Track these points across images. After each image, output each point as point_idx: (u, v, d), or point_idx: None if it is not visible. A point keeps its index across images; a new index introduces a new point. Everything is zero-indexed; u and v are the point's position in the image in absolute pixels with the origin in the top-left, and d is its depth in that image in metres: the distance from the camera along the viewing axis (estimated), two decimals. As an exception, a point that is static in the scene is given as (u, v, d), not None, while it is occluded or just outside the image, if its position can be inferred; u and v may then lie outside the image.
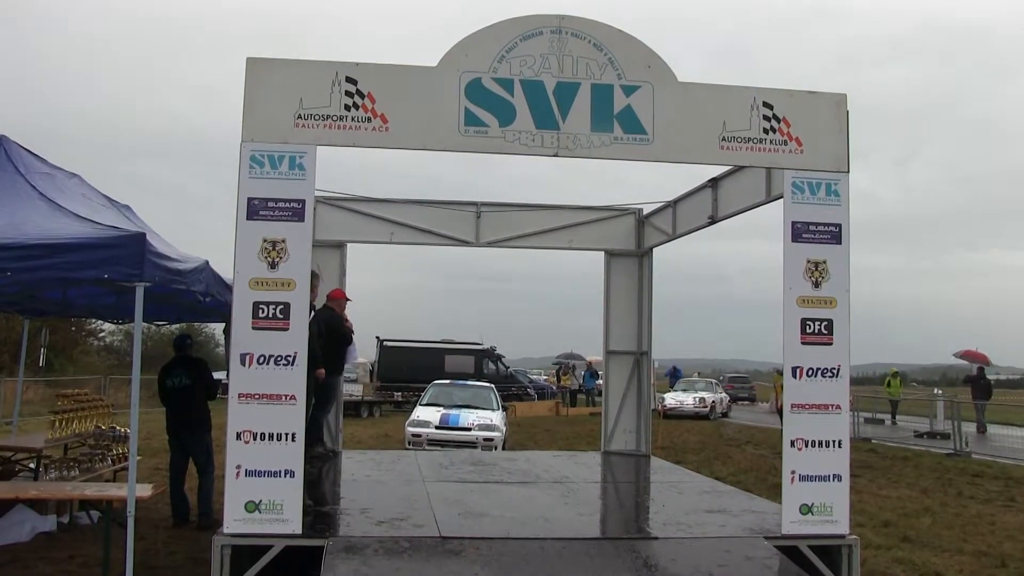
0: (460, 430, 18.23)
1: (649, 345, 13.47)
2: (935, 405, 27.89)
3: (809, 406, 7.37)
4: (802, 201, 7.43)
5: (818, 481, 7.33)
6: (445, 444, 17.48)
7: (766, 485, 14.28)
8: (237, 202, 6.83)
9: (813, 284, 7.40)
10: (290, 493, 6.78)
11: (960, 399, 26.64)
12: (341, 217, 12.86)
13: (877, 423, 29.48)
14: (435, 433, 18.15)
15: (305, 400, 6.97)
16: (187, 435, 10.82)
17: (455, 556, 6.71)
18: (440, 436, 18.03)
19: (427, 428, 18.32)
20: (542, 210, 13.42)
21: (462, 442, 17.64)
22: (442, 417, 18.75)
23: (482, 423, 18.51)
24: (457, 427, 18.33)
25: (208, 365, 11.36)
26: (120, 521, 7.28)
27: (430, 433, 18.12)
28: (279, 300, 6.80)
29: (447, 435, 18.04)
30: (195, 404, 10.79)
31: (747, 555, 7.00)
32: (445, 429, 18.27)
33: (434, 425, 18.40)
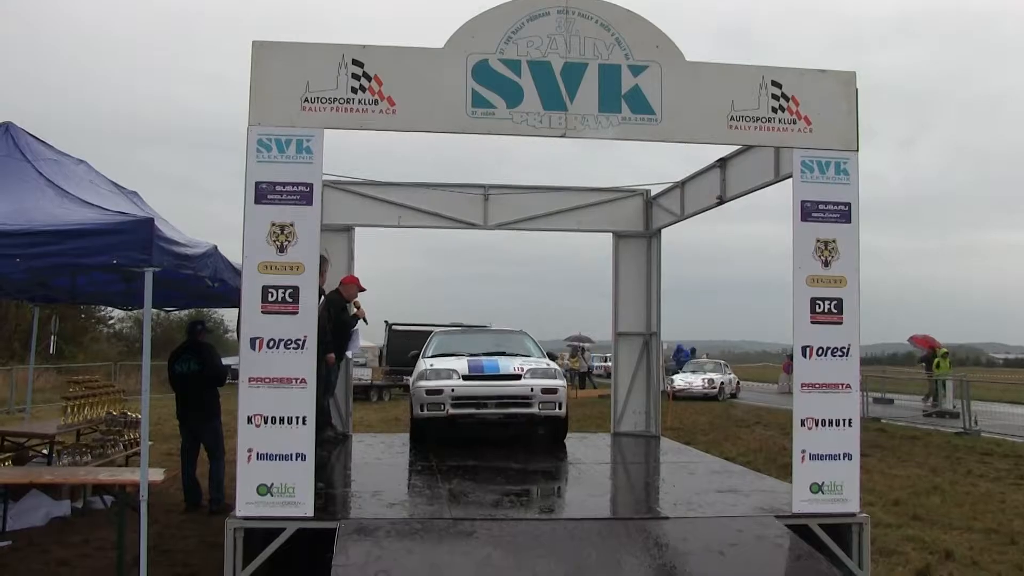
0: (503, 379, 11.52)
1: (658, 326, 13.46)
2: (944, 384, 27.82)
3: (819, 385, 7.36)
4: (811, 180, 7.39)
5: (828, 460, 7.33)
6: (481, 403, 11.30)
7: (776, 465, 14.28)
8: (245, 186, 6.82)
9: (823, 263, 7.37)
10: (302, 476, 6.80)
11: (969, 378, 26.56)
12: (349, 201, 12.86)
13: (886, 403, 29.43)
14: (464, 386, 11.36)
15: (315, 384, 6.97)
16: (195, 421, 10.86)
17: (467, 537, 6.73)
18: (472, 390, 11.33)
19: (450, 380, 11.43)
20: (550, 192, 13.41)
21: (508, 398, 11.36)
22: (472, 364, 11.80)
23: (536, 368, 11.73)
24: (498, 375, 11.58)
25: (216, 351, 11.36)
26: (133, 505, 7.31)
27: (457, 387, 11.33)
28: (288, 284, 6.80)
29: (483, 388, 11.38)
30: (203, 390, 10.80)
31: (758, 534, 7.00)
32: (479, 379, 11.49)
33: (460, 375, 11.49)
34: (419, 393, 11.47)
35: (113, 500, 9.64)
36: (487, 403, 11.27)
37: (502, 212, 13.14)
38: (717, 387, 37.00)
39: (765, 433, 21.55)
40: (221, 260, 8.60)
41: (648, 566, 6.42)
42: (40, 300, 12.43)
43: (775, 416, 26.18)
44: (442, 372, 11.56)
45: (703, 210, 11.60)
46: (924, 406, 27.81)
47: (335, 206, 12.63)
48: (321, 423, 10.93)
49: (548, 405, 11.42)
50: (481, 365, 11.73)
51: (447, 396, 11.22)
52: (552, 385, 11.53)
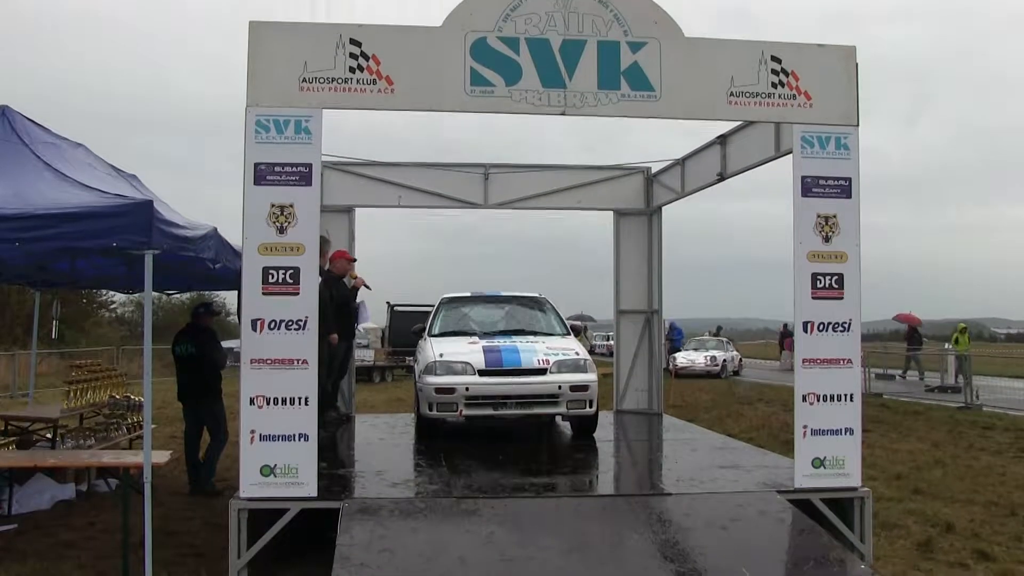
0: (528, 374, 9.80)
1: (660, 304, 13.47)
2: (946, 360, 27.85)
3: (820, 361, 7.38)
4: (811, 155, 7.37)
5: (830, 435, 7.36)
6: (500, 402, 9.72)
7: (778, 441, 14.29)
8: (244, 167, 6.82)
9: (823, 239, 7.37)
10: (305, 457, 6.83)
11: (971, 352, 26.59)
12: (348, 182, 12.86)
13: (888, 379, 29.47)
14: (481, 384, 9.70)
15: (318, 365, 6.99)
16: (195, 403, 10.88)
17: (470, 515, 6.76)
18: (490, 388, 9.68)
19: (463, 377, 9.77)
20: (550, 170, 13.39)
21: (532, 397, 9.73)
22: (489, 354, 10.03)
23: (564, 359, 10.02)
24: (520, 369, 9.84)
25: (216, 335, 11.34)
26: (137, 488, 7.34)
27: (472, 384, 9.68)
28: (289, 265, 6.81)
29: (502, 385, 9.70)
30: (202, 373, 10.81)
31: (760, 509, 7.04)
32: (498, 375, 9.78)
33: (476, 369, 9.82)
34: (428, 391, 9.74)
35: (117, 483, 9.68)
36: (507, 402, 9.68)
37: (502, 191, 13.13)
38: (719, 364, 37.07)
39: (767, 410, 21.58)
40: (221, 242, 8.58)
41: (651, 542, 6.45)
42: (41, 285, 12.42)
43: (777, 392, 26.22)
44: (454, 366, 9.81)
45: (704, 187, 11.58)
46: (900, 379, 28.10)
47: (335, 187, 12.63)
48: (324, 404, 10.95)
49: (577, 404, 9.83)
50: (500, 357, 9.92)
51: (460, 395, 9.60)
52: (582, 381, 9.83)
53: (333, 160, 12.45)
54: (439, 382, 9.73)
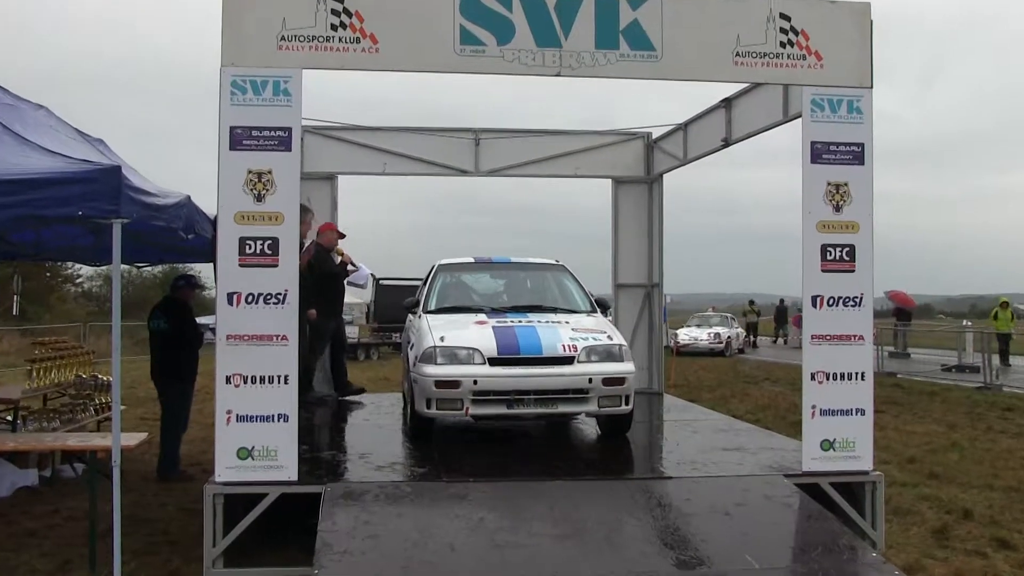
0: (550, 364, 8.47)
1: (660, 277, 13.50)
2: (963, 337, 27.97)
3: (830, 337, 7.40)
4: (822, 119, 7.37)
5: (840, 416, 7.40)
6: (516, 399, 8.38)
7: (785, 423, 14.38)
8: (219, 131, 6.80)
9: (834, 208, 7.38)
10: (284, 438, 6.85)
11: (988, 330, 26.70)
12: (330, 147, 12.84)
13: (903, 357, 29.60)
14: (492, 375, 8.36)
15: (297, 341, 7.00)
16: (164, 382, 10.84)
17: (460, 500, 6.80)
18: (504, 382, 8.35)
19: (470, 367, 8.40)
20: (545, 136, 13.36)
21: (555, 393, 8.43)
22: (501, 338, 8.65)
23: (595, 345, 8.70)
24: (541, 358, 8.50)
25: (192, 311, 11.32)
26: (105, 472, 7.35)
27: (482, 377, 8.33)
28: (267, 235, 6.80)
29: (519, 378, 8.38)
30: (174, 351, 10.77)
31: (766, 493, 7.09)
32: (514, 365, 8.42)
33: (486, 357, 8.43)
34: (426, 384, 8.37)
35: (84, 468, 9.70)
36: (523, 399, 8.38)
37: (494, 158, 13.13)
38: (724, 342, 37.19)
39: (774, 389, 21.71)
40: (195, 211, 8.56)
41: (650, 527, 6.50)
42: (2, 256, 12.38)
43: (784, 371, 26.34)
44: (459, 353, 8.45)
45: (707, 153, 11.58)
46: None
47: (316, 153, 12.61)
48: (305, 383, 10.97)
49: (611, 401, 8.56)
50: (515, 341, 8.57)
51: (467, 390, 8.26)
52: (618, 372, 8.55)
53: (314, 124, 12.39)
54: (441, 374, 8.32)
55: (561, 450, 8.93)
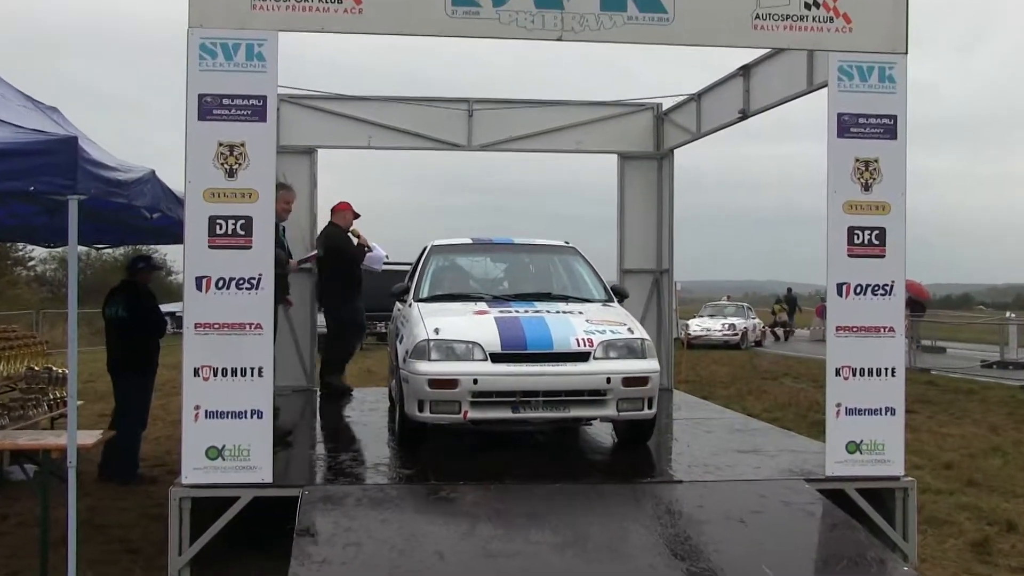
0: (562, 360, 8.12)
1: (670, 262, 13.49)
2: (1006, 331, 27.92)
3: (857, 329, 7.40)
4: (850, 89, 7.34)
5: (868, 415, 7.40)
6: (523, 400, 8.00)
7: (807, 422, 14.40)
8: (186, 100, 6.77)
9: (862, 187, 7.37)
10: (258, 436, 6.84)
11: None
12: (310, 119, 12.81)
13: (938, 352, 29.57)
14: (495, 373, 7.98)
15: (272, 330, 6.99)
16: (122, 375, 10.80)
17: (449, 504, 6.82)
18: (508, 380, 7.99)
19: (470, 364, 8.03)
20: (545, 107, 13.34)
21: (568, 394, 8.07)
22: (506, 330, 8.28)
23: (613, 339, 8.35)
24: (551, 354, 8.13)
25: (153, 295, 11.27)
26: (60, 474, 7.33)
27: (483, 375, 7.96)
28: (239, 214, 6.78)
29: (526, 376, 8.02)
30: (134, 340, 10.72)
31: (785, 500, 7.09)
32: (520, 361, 8.07)
33: (488, 351, 8.06)
34: (418, 384, 8.00)
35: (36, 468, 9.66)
36: (532, 401, 8.00)
37: (489, 131, 13.10)
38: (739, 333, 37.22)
39: (795, 386, 21.74)
40: (160, 187, 8.53)
41: (658, 535, 6.48)
42: (-56, 238, 12.32)
43: (806, 366, 26.37)
44: (456, 347, 8.10)
45: (723, 126, 11.56)
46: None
47: (294, 124, 12.57)
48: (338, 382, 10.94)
49: (632, 404, 8.20)
50: (521, 334, 8.21)
51: (466, 390, 7.89)
52: (641, 371, 8.20)
53: (292, 93, 12.36)
54: (435, 371, 7.95)
55: (562, 451, 8.92)
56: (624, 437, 9.01)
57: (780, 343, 42.55)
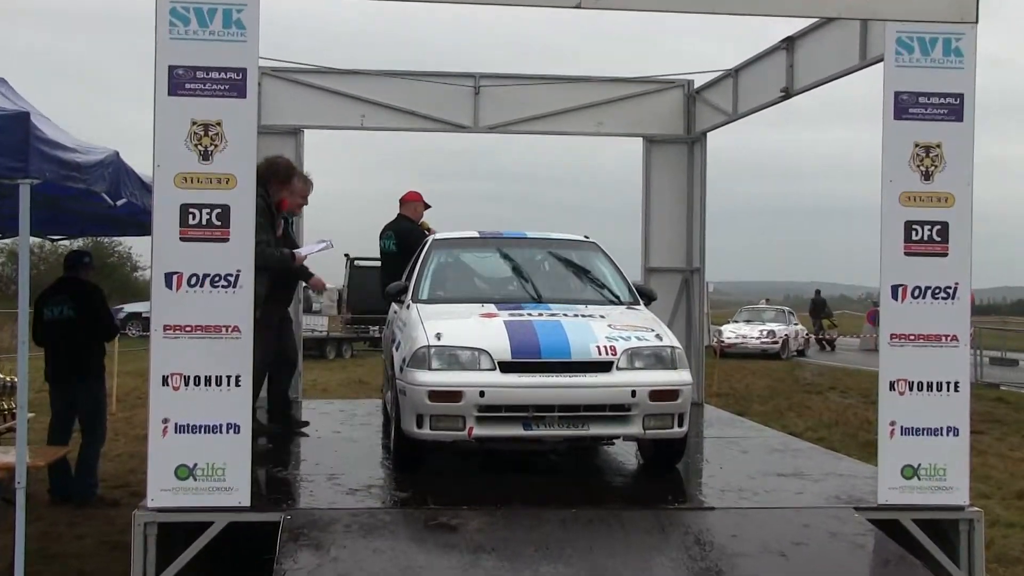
0: (581, 370, 7.98)
1: (702, 260, 13.51)
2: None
3: (915, 337, 7.36)
4: (910, 64, 7.29)
5: (927, 435, 7.35)
6: (536, 416, 7.87)
7: (856, 443, 14.38)
8: (155, 72, 6.74)
9: (922, 175, 7.32)
10: (235, 453, 6.81)
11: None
12: (296, 95, 12.82)
13: (1008, 364, 29.45)
14: (504, 385, 7.86)
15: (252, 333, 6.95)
16: (70, 384, 10.71)
17: (450, 533, 6.77)
18: (519, 393, 7.87)
19: (476, 374, 7.94)
20: (561, 84, 13.35)
21: (587, 408, 7.95)
22: (517, 335, 8.18)
23: (640, 347, 8.22)
24: (569, 362, 8.00)
25: (101, 292, 11.21)
26: (7, 496, 7.32)
27: (490, 386, 7.83)
28: (215, 202, 6.75)
29: (540, 388, 7.88)
30: (80, 343, 10.65)
31: (831, 531, 7.05)
32: (532, 372, 7.94)
33: (496, 360, 7.95)
34: (417, 396, 7.91)
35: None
36: (546, 417, 7.89)
37: (498, 110, 13.13)
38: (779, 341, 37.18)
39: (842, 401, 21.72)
40: (125, 171, 8.52)
41: (687, 569, 6.45)
42: None
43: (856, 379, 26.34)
44: (461, 355, 7.99)
45: (763, 106, 11.56)
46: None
47: (277, 101, 12.58)
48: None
49: (661, 421, 8.08)
50: (534, 340, 8.10)
51: (471, 404, 7.78)
52: (671, 383, 8.09)
53: (275, 65, 12.38)
54: (436, 382, 7.84)
55: (579, 473, 8.90)
56: (650, 458, 8.91)
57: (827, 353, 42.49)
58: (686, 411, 8.22)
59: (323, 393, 19.88)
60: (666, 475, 8.73)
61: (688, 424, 8.31)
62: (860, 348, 41.48)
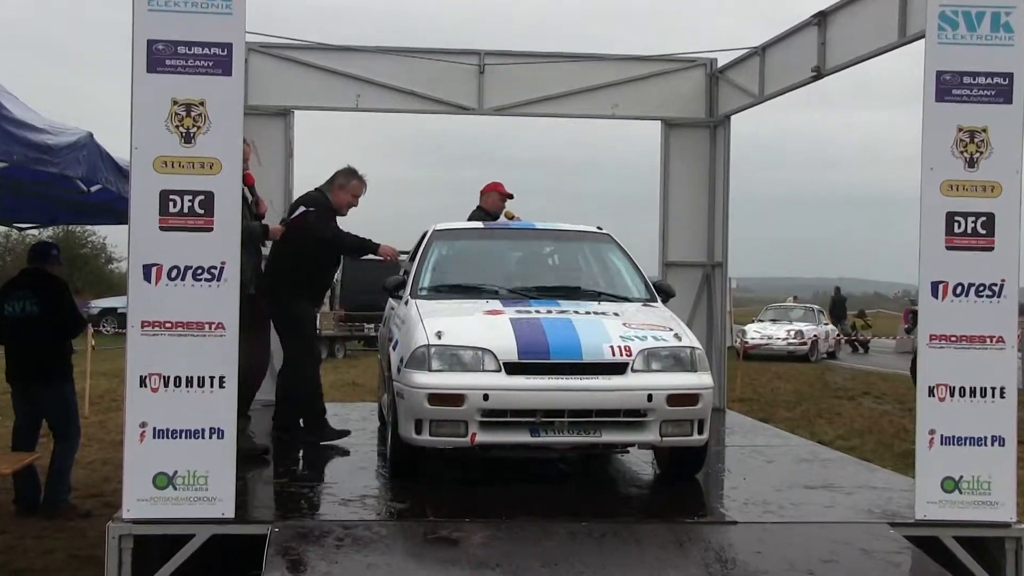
0: (593, 372, 8.02)
1: (724, 254, 13.52)
2: None
3: (956, 338, 7.34)
4: (954, 41, 7.26)
5: (969, 445, 7.33)
6: (543, 422, 7.88)
7: (892, 452, 14.38)
8: (132, 47, 6.73)
9: (966, 162, 7.30)
10: (218, 460, 6.81)
11: None
12: (285, 73, 12.86)
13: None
14: (509, 387, 7.87)
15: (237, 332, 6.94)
16: (36, 386, 10.66)
17: (451, 547, 6.78)
18: (526, 396, 7.89)
19: (479, 375, 7.95)
20: (573, 62, 13.35)
21: (600, 413, 7.98)
22: (524, 334, 8.19)
23: (657, 347, 8.23)
24: (579, 364, 8.02)
25: (67, 288, 11.16)
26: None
27: (494, 389, 7.84)
28: (198, 188, 6.74)
29: (548, 391, 7.89)
30: (46, 342, 10.61)
31: (864, 547, 7.03)
32: (540, 373, 7.95)
33: (501, 361, 7.95)
34: (414, 399, 7.91)
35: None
36: (554, 422, 7.89)
37: (504, 91, 13.16)
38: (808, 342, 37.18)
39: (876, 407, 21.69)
40: (100, 154, 8.51)
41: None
42: None
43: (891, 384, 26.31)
44: (463, 356, 8.00)
45: (792, 87, 11.55)
46: None
47: (265, 80, 12.62)
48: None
49: (679, 427, 8.11)
50: (542, 339, 8.10)
51: (474, 408, 7.77)
52: (690, 386, 8.11)
53: (264, 41, 12.38)
54: (437, 384, 7.85)
55: (590, 484, 8.91)
56: (668, 468, 8.90)
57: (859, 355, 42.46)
58: (706, 417, 8.24)
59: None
60: (684, 486, 8.77)
61: (708, 431, 8.32)
62: (896, 350, 41.41)
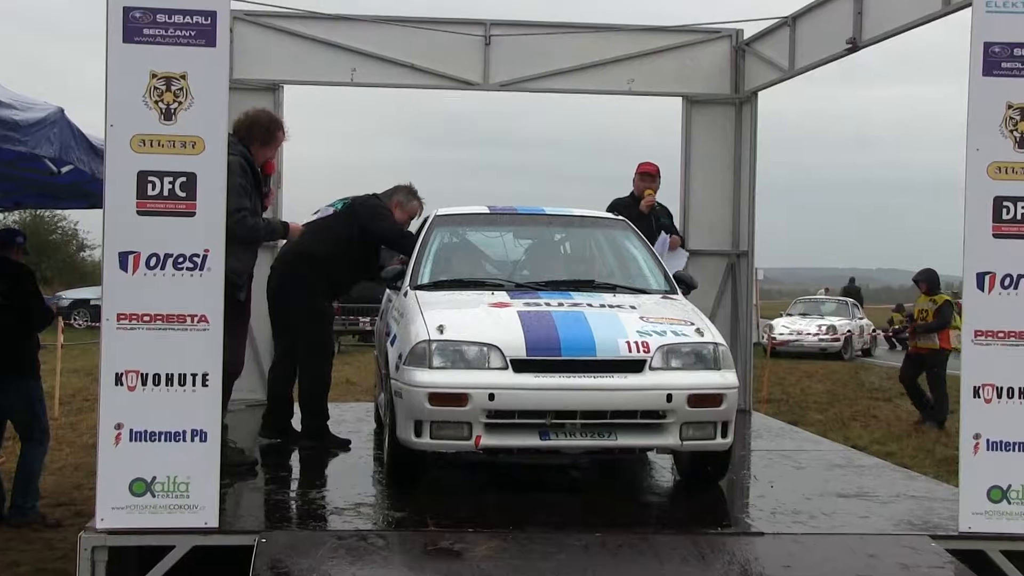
0: (607, 370, 7.94)
1: (750, 243, 13.50)
2: None
3: (1005, 334, 7.34)
4: (1003, 9, 7.24)
5: (1019, 451, 7.34)
6: (553, 424, 7.81)
7: (933, 459, 14.37)
8: (107, 14, 6.72)
9: (1016, 142, 7.28)
10: (200, 465, 6.81)
11: None
12: (273, 44, 12.86)
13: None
14: (517, 386, 7.79)
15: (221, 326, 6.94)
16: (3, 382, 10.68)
17: (454, 559, 6.77)
18: (535, 395, 7.80)
19: (484, 374, 7.87)
20: (586, 33, 13.34)
21: (619, 416, 7.91)
22: (532, 328, 8.10)
23: (677, 343, 8.16)
24: (593, 361, 7.95)
25: (33, 277, 11.14)
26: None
27: (500, 388, 7.76)
28: (179, 169, 6.74)
29: (558, 390, 7.81)
30: (9, 335, 10.57)
31: (903, 562, 7.02)
32: (550, 371, 7.88)
33: (509, 358, 7.86)
34: (414, 399, 7.84)
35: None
36: (566, 424, 7.82)
37: (511, 64, 13.16)
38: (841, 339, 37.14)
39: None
40: (71, 132, 8.51)
41: (731, 606, 6.48)
42: None
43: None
44: (467, 352, 7.93)
45: (825, 61, 11.55)
46: None
47: (253, 51, 12.63)
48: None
49: (701, 430, 8.06)
50: (553, 334, 8.02)
51: (478, 408, 7.70)
52: (713, 386, 8.05)
53: (250, 9, 12.37)
54: (438, 383, 7.76)
55: (604, 491, 8.91)
56: (689, 475, 8.91)
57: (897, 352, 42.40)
58: (731, 419, 8.20)
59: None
60: (707, 494, 8.77)
61: (733, 434, 8.29)
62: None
